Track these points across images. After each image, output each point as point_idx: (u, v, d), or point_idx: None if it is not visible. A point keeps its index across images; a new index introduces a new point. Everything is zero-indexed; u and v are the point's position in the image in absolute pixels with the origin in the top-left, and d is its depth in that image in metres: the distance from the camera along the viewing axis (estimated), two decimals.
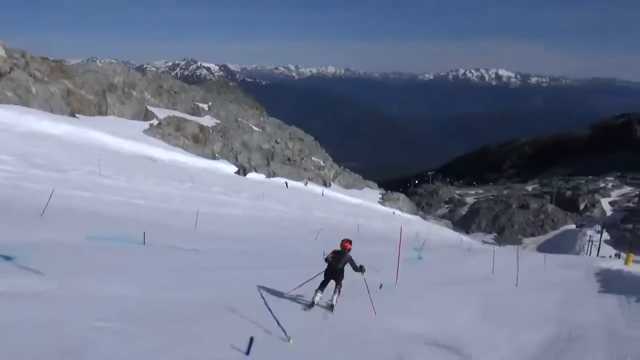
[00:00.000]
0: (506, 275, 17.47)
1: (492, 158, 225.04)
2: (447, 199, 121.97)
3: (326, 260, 8.47)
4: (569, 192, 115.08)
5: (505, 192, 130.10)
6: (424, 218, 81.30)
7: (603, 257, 51.37)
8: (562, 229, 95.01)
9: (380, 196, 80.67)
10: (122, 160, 33.64)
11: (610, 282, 20.22)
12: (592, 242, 64.41)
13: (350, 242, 8.60)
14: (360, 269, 8.40)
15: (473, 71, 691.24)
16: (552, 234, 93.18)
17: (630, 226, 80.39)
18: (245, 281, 9.61)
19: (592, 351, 8.24)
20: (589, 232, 78.27)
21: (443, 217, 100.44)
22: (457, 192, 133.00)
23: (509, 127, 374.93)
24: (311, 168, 73.16)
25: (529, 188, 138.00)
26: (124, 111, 52.28)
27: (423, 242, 26.28)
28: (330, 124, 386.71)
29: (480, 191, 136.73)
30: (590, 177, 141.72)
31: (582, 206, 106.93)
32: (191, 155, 49.45)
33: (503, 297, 13.34)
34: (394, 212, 69.12)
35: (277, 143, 72.04)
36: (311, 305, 8.39)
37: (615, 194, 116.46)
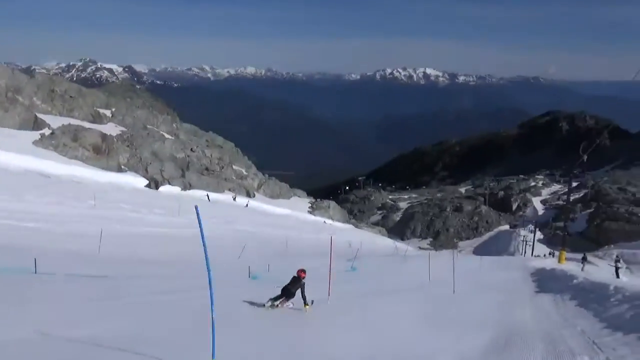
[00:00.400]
0: (443, 280, 17.81)
1: (425, 160, 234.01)
2: (379, 205, 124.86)
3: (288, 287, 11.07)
4: (501, 193, 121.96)
5: (438, 195, 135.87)
6: (357, 226, 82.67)
7: (537, 256, 54.45)
8: (497, 230, 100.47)
9: (310, 205, 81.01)
10: (7, 177, 31.27)
11: (545, 281, 21.40)
12: (526, 241, 68.04)
13: (304, 271, 11.07)
14: (304, 300, 10.82)
15: (401, 70, 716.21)
16: (486, 235, 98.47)
17: (561, 224, 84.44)
18: (155, 309, 9.26)
19: (531, 352, 8.44)
20: (523, 232, 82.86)
21: (376, 224, 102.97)
22: (390, 197, 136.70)
23: (440, 127, 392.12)
24: (232, 178, 71.92)
25: (462, 190, 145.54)
26: (7, 120, 48.65)
27: (356, 252, 26.41)
28: (254, 129, 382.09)
29: (414, 195, 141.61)
30: (520, 176, 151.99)
31: (514, 206, 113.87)
32: (92, 169, 46.90)
33: (441, 303, 13.45)
34: (324, 222, 69.62)
35: (193, 151, 70.18)
36: (263, 305, 10.78)
37: (545, 192, 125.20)
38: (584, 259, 37.79)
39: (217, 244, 22.89)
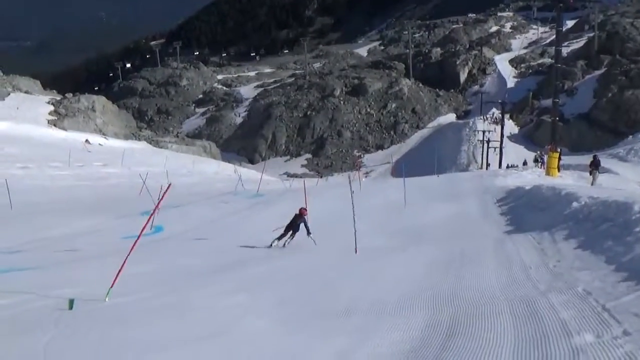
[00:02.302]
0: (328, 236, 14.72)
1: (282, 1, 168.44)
2: (199, 96, 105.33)
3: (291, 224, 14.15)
4: (437, 52, 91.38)
5: (316, 65, 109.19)
6: (157, 144, 65.12)
7: (511, 167, 40.66)
8: (433, 125, 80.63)
9: (54, 107, 58.47)
10: None
11: (522, 211, 16.56)
12: (488, 142, 50.22)
13: (305, 209, 14.43)
14: (308, 230, 13.91)
15: None
16: (415, 137, 79.76)
17: (547, 102, 57.08)
18: None
19: (496, 338, 6.00)
20: (481, 124, 63.25)
21: (197, 135, 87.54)
22: (220, 77, 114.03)
23: None
24: None
25: (362, 51, 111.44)
26: None
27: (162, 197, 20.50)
28: None
29: (267, 70, 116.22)
30: (470, 15, 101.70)
31: (463, 76, 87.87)
32: None
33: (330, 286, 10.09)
34: (85, 142, 52.29)
35: None
36: (269, 246, 14.02)
37: (517, 44, 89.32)
38: (595, 165, 26.45)
39: None
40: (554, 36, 33.62)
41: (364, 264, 11.34)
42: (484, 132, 53.59)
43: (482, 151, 52.75)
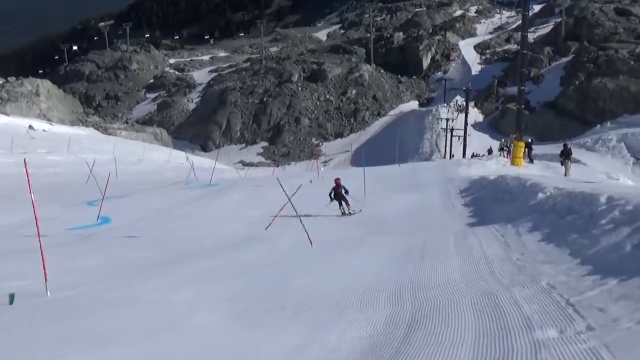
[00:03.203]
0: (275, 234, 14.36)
1: None
2: (149, 81, 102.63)
3: (332, 194, 17.38)
4: (399, 37, 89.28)
5: (273, 49, 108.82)
6: (105, 130, 64.27)
7: (476, 156, 41.72)
8: (395, 113, 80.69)
9: None
10: None
11: (485, 202, 16.62)
12: (452, 130, 50.31)
13: (339, 178, 17.74)
14: (347, 191, 17.42)
15: None
16: (375, 125, 78.99)
17: (513, 90, 56.29)
18: None
19: (452, 335, 5.95)
20: (445, 112, 61.58)
21: (147, 121, 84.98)
22: (173, 60, 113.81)
23: None
24: None
25: (321, 35, 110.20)
26: None
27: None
28: None
29: (222, 54, 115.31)
30: None
31: (426, 62, 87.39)
32: None
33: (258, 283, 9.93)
34: (29, 127, 50.70)
35: None
36: (345, 213, 17.30)
37: (482, 29, 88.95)
38: (566, 154, 25.96)
39: None
40: (520, 21, 33.68)
41: (320, 257, 11.24)
42: (447, 120, 53.71)
43: (446, 140, 52.93)
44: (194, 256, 11.90)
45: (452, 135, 51.67)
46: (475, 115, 66.09)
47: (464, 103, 53.10)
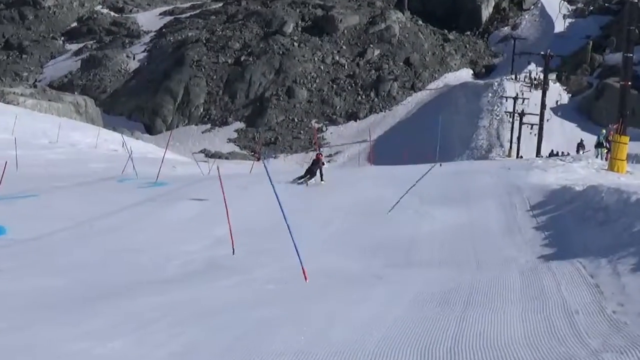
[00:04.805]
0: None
1: None
2: (71, 24, 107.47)
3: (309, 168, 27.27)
4: None
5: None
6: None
7: (555, 155, 41.24)
8: (438, 85, 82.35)
9: None
10: None
11: (568, 226, 16.86)
12: (522, 114, 52.33)
13: (322, 154, 30.07)
14: (321, 176, 25.85)
15: None
16: (409, 104, 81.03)
17: (618, 56, 54.48)
18: None
19: None
20: (511, 87, 63.55)
21: (60, 86, 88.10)
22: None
23: None
24: None
25: None
26: None
27: None
28: None
29: None
30: None
31: (487, 12, 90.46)
32: None
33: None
34: None
35: None
36: (300, 183, 25.53)
37: None
38: None
39: None
40: None
41: (316, 298, 11.47)
42: (515, 99, 54.80)
43: (512, 129, 54.58)
44: (128, 289, 12.15)
45: (521, 123, 53.16)
46: (557, 93, 67.20)
47: (541, 75, 55.56)
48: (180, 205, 22.25)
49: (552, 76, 64.56)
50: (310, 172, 25.77)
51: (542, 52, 52.51)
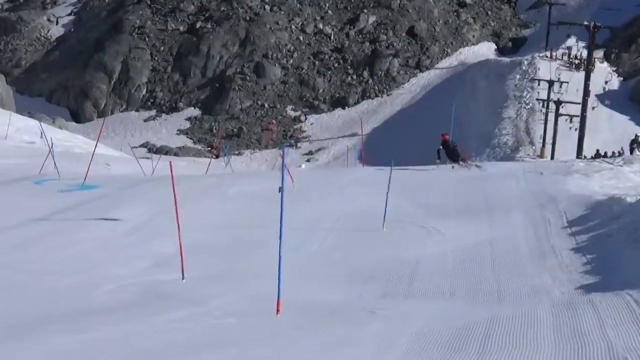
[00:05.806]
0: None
1: None
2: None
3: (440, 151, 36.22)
4: None
5: None
6: None
7: (606, 156, 43.10)
8: (452, 62, 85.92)
9: None
10: None
11: (620, 252, 17.04)
12: (558, 103, 54.43)
13: (446, 134, 36.95)
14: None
15: None
16: (414, 86, 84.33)
17: None
18: None
19: None
20: (546, 66, 65.18)
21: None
22: None
23: None
24: None
25: None
26: None
27: None
28: None
29: None
30: None
31: None
32: None
33: None
34: None
35: None
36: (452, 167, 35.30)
37: None
38: None
39: None
40: None
41: (291, 337, 11.54)
42: (551, 83, 55.46)
43: (546, 122, 55.71)
44: (40, 324, 12.12)
45: (557, 114, 54.16)
46: (605, 76, 67.60)
47: (584, 52, 57.01)
48: (114, 215, 22.31)
49: (599, 54, 64.92)
50: (455, 156, 32.34)
51: (585, 23, 52.38)
